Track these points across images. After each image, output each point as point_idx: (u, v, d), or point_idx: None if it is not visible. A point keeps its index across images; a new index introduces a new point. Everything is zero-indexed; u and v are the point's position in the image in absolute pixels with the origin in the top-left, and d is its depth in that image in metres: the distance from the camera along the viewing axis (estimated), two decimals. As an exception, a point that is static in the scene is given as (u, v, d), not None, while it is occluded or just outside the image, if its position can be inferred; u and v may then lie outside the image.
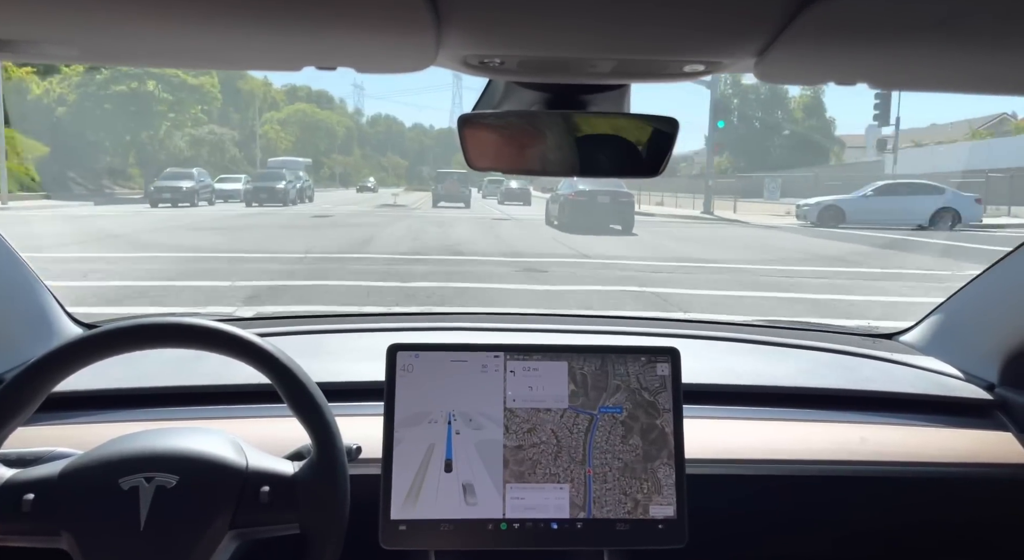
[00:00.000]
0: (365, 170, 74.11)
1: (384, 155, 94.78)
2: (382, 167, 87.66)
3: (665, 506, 1.08)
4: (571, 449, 1.09)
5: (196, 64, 0.89)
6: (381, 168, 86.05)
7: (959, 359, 1.51)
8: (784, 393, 1.41)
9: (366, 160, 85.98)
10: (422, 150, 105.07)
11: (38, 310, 1.42)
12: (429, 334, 1.65)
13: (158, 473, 0.89)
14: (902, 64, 0.75)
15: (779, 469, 1.25)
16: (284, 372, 0.92)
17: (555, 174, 1.02)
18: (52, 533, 0.88)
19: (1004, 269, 1.45)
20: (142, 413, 1.26)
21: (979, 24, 0.62)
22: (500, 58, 0.76)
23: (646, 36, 0.69)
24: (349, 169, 71.90)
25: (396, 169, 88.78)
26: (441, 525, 1.06)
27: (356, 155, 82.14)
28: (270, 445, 1.02)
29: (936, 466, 1.28)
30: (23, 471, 0.92)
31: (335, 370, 1.36)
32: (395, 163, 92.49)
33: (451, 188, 26.40)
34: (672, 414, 1.11)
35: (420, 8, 0.59)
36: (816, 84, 0.80)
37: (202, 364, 1.32)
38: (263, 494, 0.90)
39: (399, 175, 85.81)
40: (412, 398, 1.09)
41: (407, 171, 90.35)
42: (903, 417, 1.37)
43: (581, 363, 1.11)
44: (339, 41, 0.71)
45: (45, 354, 0.90)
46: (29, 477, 0.91)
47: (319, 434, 0.92)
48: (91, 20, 0.66)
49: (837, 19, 0.60)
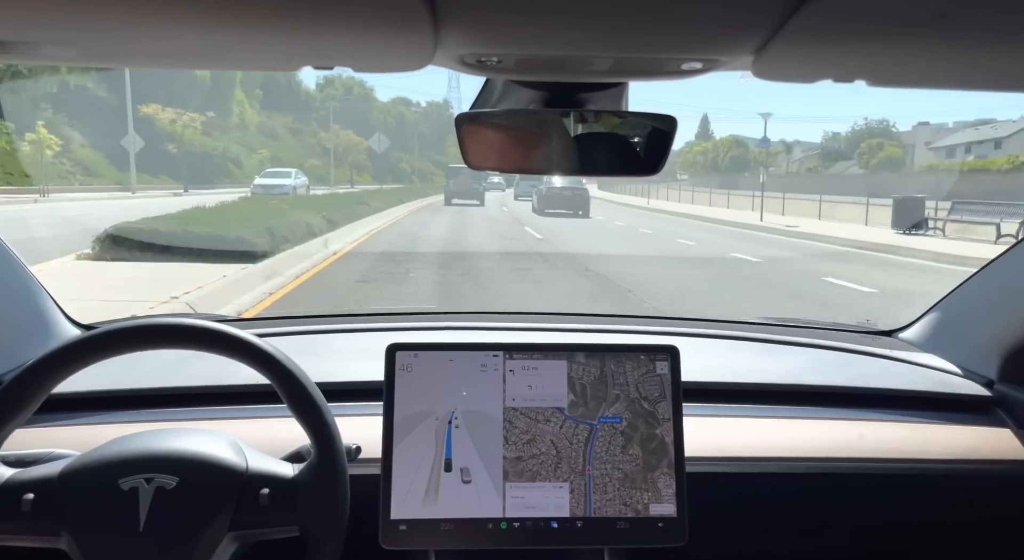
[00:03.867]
0: (291, 155, 47.52)
1: (330, 130, 53.94)
2: (322, 149, 52.50)
3: (665, 505, 1.08)
4: (571, 459, 1.08)
5: (192, 64, 0.88)
6: (320, 151, 52.65)
7: (958, 356, 1.52)
8: (783, 391, 1.41)
9: (298, 138, 55.46)
10: (402, 129, 68.65)
11: (36, 311, 1.42)
12: (428, 333, 1.65)
13: (158, 474, 0.89)
14: (900, 61, 0.75)
15: (778, 467, 1.25)
16: (284, 373, 0.92)
17: (554, 173, 1.02)
18: (51, 533, 0.88)
19: (1003, 265, 1.45)
20: (141, 414, 1.26)
21: (977, 19, 0.61)
22: (497, 57, 0.76)
23: (643, 34, 0.69)
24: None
25: (354, 153, 51.43)
26: (441, 525, 1.06)
27: (281, 126, 53.25)
28: (269, 446, 1.02)
29: (935, 463, 1.28)
30: (23, 471, 0.92)
31: (334, 370, 1.35)
32: (351, 143, 51.95)
33: (464, 185, 26.76)
34: (672, 423, 1.10)
35: (417, 7, 0.58)
36: (814, 81, 0.80)
37: (201, 364, 1.32)
38: (263, 496, 0.90)
39: (359, 165, 52.38)
40: (411, 397, 1.09)
41: (374, 159, 52.32)
42: (902, 414, 1.37)
43: (580, 372, 1.11)
44: (336, 41, 0.71)
45: (44, 355, 0.90)
46: (29, 477, 0.91)
47: (319, 436, 0.92)
48: (89, 21, 0.66)
49: (834, 16, 0.60)
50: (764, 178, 24.10)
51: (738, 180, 44.01)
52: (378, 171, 54.41)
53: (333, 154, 49.01)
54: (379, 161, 54.21)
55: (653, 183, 42.68)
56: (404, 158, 63.94)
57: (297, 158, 47.61)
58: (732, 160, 60.89)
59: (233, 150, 44.39)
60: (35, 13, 0.64)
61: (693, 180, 50.49)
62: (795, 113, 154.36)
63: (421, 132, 72.10)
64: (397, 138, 62.33)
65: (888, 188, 24.49)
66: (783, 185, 33.40)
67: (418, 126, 72.75)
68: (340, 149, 51.84)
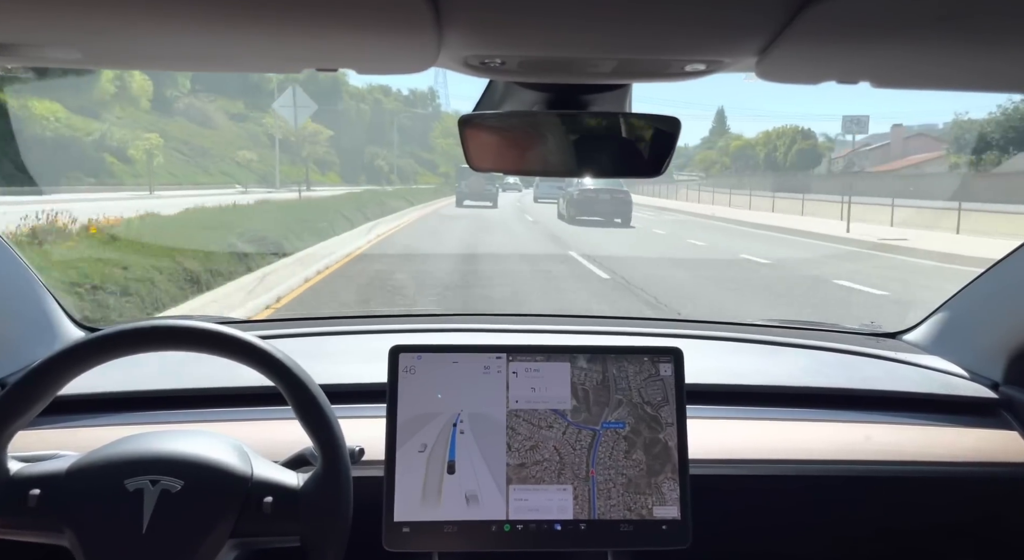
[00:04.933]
0: (219, 145, 36.08)
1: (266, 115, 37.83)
2: (269, 139, 35.86)
3: (669, 507, 1.08)
4: (574, 466, 1.08)
5: (197, 67, 0.89)
6: (268, 142, 36.85)
7: (963, 358, 1.51)
8: (787, 393, 1.41)
9: (242, 125, 42.13)
10: (379, 120, 56.81)
11: (40, 313, 1.42)
12: (431, 335, 1.65)
13: (163, 477, 0.89)
14: (904, 62, 0.75)
15: (783, 469, 1.25)
16: (292, 379, 0.92)
17: (557, 174, 1.02)
18: (55, 530, 0.88)
19: (1008, 267, 1.44)
20: (144, 416, 1.26)
21: (981, 21, 0.61)
22: (501, 58, 0.76)
23: (647, 35, 0.69)
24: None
25: (312, 145, 39.55)
26: (444, 527, 1.05)
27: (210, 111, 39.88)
28: (273, 448, 1.02)
29: (941, 465, 1.27)
30: (30, 466, 0.92)
31: (337, 372, 1.35)
32: (308, 132, 38.24)
33: (476, 186, 24.82)
34: (675, 427, 1.10)
35: (421, 9, 0.58)
36: (818, 83, 0.80)
37: (203, 366, 1.32)
38: (266, 505, 0.90)
39: (323, 160, 41.02)
40: (415, 400, 1.09)
41: (343, 155, 42.97)
42: (907, 416, 1.36)
43: (582, 378, 1.11)
44: (340, 43, 0.71)
45: (50, 356, 0.90)
46: (36, 472, 0.91)
47: (325, 446, 0.92)
48: (93, 23, 0.66)
49: (839, 17, 0.60)
50: (831, 167, 18.95)
51: (806, 181, 34.89)
52: (349, 169, 44.33)
53: (280, 145, 32.95)
54: (350, 157, 45.14)
55: (659, 183, 39.57)
56: (381, 154, 53.41)
57: (227, 149, 36.16)
58: (799, 155, 50.78)
59: (117, 138, 28.37)
60: (39, 15, 0.64)
61: (718, 180, 44.85)
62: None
63: (403, 124, 59.71)
64: (374, 130, 55.12)
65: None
66: (880, 187, 24.75)
67: (399, 117, 59.91)
68: (293, 139, 37.81)
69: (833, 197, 22.90)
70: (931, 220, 17.31)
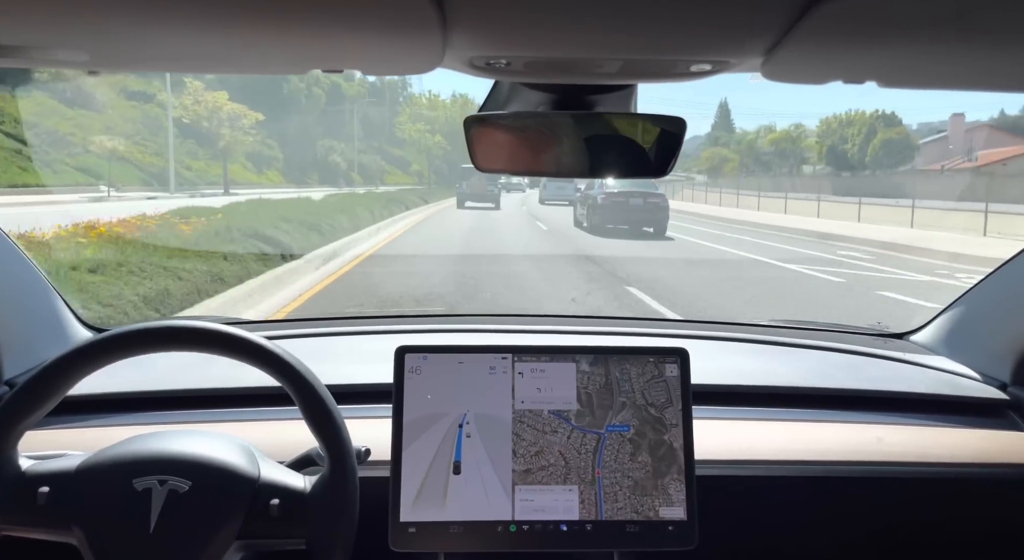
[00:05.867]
0: (84, 131, 25.01)
1: (189, 93, 28.04)
2: (177, 125, 27.08)
3: (675, 508, 1.07)
4: (580, 470, 1.08)
5: (204, 69, 0.89)
6: (166, 128, 26.48)
7: (971, 358, 1.50)
8: (794, 394, 1.40)
9: (144, 106, 30.72)
10: (336, 107, 48.12)
11: (49, 314, 1.43)
12: (436, 336, 1.65)
13: (172, 477, 0.89)
14: (910, 62, 0.74)
15: (790, 470, 1.24)
16: (300, 381, 0.92)
17: (562, 175, 1.02)
18: (64, 527, 0.89)
19: (1016, 267, 1.44)
20: (153, 416, 1.27)
21: (987, 20, 0.61)
22: (506, 59, 0.76)
23: (653, 36, 0.69)
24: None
25: (233, 132, 29.54)
26: (450, 527, 1.05)
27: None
28: (279, 448, 1.02)
29: (949, 466, 1.27)
30: (40, 463, 0.93)
31: (343, 373, 1.36)
32: (227, 114, 28.96)
33: (478, 187, 23.87)
34: (681, 428, 1.10)
35: (426, 10, 0.59)
36: (824, 82, 0.80)
37: (210, 367, 1.32)
38: (273, 507, 0.90)
39: (255, 154, 32.64)
40: (421, 400, 1.09)
41: (285, 147, 34.94)
42: (915, 417, 1.36)
43: (585, 381, 1.11)
44: (346, 44, 0.72)
45: (60, 357, 0.91)
46: (46, 470, 0.92)
47: (332, 450, 0.92)
48: (99, 25, 0.67)
49: (845, 17, 0.60)
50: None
51: (894, 182, 27.94)
52: (295, 166, 34.83)
53: (187, 132, 25.09)
54: (297, 152, 35.19)
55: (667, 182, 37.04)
56: (338, 148, 44.02)
57: (84, 133, 25.09)
58: (885, 146, 41.64)
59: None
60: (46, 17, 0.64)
61: (730, 180, 41.12)
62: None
63: (367, 115, 50.27)
64: (330, 120, 44.97)
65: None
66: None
67: (361, 105, 49.37)
68: (205, 125, 28.80)
69: (935, 203, 17.72)
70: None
